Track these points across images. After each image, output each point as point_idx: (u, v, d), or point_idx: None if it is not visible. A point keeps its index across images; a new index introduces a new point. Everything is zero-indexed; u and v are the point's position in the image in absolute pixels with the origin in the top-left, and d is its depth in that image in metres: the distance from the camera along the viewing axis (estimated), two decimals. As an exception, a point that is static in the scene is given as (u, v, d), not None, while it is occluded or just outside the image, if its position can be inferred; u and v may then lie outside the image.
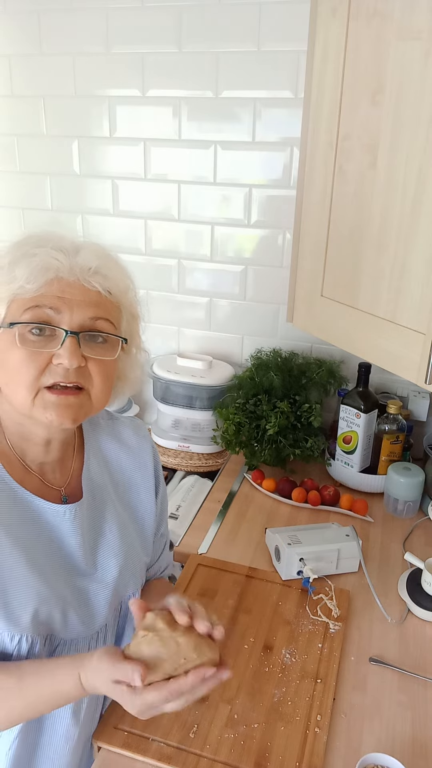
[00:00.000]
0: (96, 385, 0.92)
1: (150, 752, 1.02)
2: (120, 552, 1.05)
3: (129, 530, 1.10)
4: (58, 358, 0.87)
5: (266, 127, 1.83)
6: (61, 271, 0.88)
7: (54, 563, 0.96)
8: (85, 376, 0.90)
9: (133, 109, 1.94)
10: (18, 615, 0.89)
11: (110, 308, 0.93)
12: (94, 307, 0.90)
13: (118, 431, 1.15)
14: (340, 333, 1.50)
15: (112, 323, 0.93)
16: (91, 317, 0.89)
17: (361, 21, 1.27)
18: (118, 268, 0.96)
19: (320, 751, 1.03)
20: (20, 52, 1.98)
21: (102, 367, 0.92)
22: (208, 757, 1.01)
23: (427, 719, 1.11)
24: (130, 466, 1.14)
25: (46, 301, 0.87)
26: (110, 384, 0.95)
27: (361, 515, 1.68)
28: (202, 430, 2.03)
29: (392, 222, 1.29)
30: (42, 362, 0.87)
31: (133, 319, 1.00)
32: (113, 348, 0.93)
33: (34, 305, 0.87)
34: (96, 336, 0.91)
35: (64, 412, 0.89)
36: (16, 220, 2.21)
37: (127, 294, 0.97)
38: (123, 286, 0.96)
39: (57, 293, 0.87)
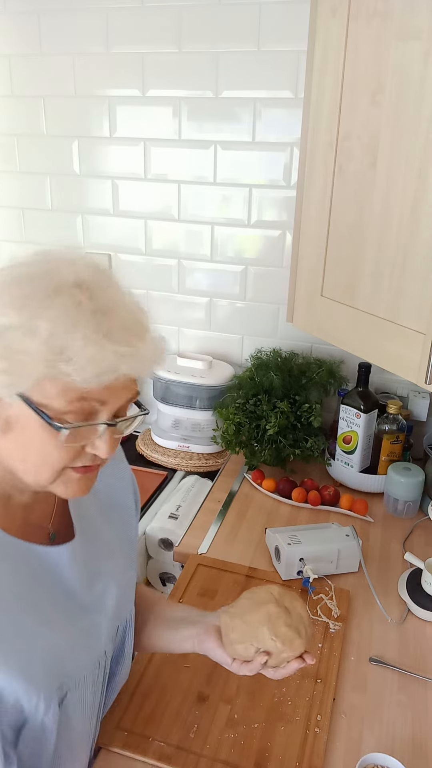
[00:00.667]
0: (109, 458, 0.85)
1: (150, 752, 1.02)
2: (116, 579, 1.00)
3: (119, 554, 1.04)
4: (92, 448, 0.80)
5: (266, 127, 1.83)
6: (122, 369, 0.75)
7: (57, 608, 0.88)
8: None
9: (133, 109, 1.94)
10: (34, 674, 0.81)
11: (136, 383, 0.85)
12: (130, 390, 0.81)
13: None
14: (340, 333, 1.50)
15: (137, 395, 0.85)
16: (128, 399, 0.82)
17: (361, 21, 1.27)
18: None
19: (320, 751, 1.03)
20: (20, 52, 1.98)
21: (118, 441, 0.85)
22: (208, 756, 1.01)
23: (427, 719, 1.11)
24: (110, 480, 1.07)
25: (96, 394, 0.76)
26: None
27: (361, 515, 1.68)
28: (202, 430, 2.03)
29: (392, 222, 1.29)
30: (75, 451, 0.79)
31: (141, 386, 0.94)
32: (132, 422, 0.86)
33: (81, 397, 0.75)
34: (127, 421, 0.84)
35: (84, 487, 0.84)
36: (16, 220, 2.21)
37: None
38: None
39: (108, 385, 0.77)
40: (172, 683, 1.15)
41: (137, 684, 1.14)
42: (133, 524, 1.13)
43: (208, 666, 1.19)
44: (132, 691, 1.13)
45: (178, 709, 1.10)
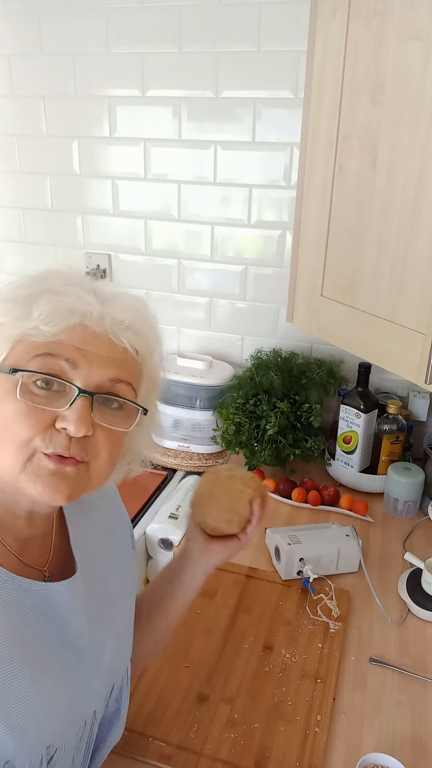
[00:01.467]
0: (100, 459, 0.75)
1: (150, 752, 1.02)
2: (115, 628, 0.91)
3: (120, 600, 0.95)
4: (62, 421, 0.70)
5: (266, 127, 1.83)
6: (88, 317, 0.73)
7: (50, 656, 0.78)
8: (89, 447, 0.74)
9: (133, 109, 1.94)
10: (27, 734, 0.73)
11: (133, 370, 0.78)
12: (116, 367, 0.74)
13: None
14: (340, 333, 1.50)
15: (134, 388, 0.78)
16: (111, 378, 0.74)
17: (361, 21, 1.27)
18: (152, 327, 0.82)
19: (320, 751, 1.03)
20: (20, 52, 1.98)
21: (111, 438, 0.75)
22: (208, 756, 1.02)
23: (427, 719, 1.11)
24: (106, 512, 1.01)
25: (64, 351, 0.71)
26: (116, 459, 0.79)
27: (361, 515, 1.68)
28: (202, 430, 2.03)
29: (392, 222, 1.29)
30: (42, 422, 0.70)
31: (153, 384, 0.84)
32: (129, 417, 0.77)
33: (46, 352, 0.71)
34: (111, 401, 0.75)
35: (59, 485, 0.72)
36: (16, 220, 2.21)
37: (152, 356, 0.82)
38: (152, 346, 0.81)
39: (78, 343, 0.72)
40: (172, 683, 1.15)
41: (137, 684, 1.14)
42: (133, 568, 1.04)
43: (209, 666, 1.19)
44: (132, 690, 1.12)
45: (178, 709, 1.10)
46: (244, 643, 1.25)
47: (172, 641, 1.24)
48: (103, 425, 0.74)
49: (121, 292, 0.80)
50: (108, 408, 0.75)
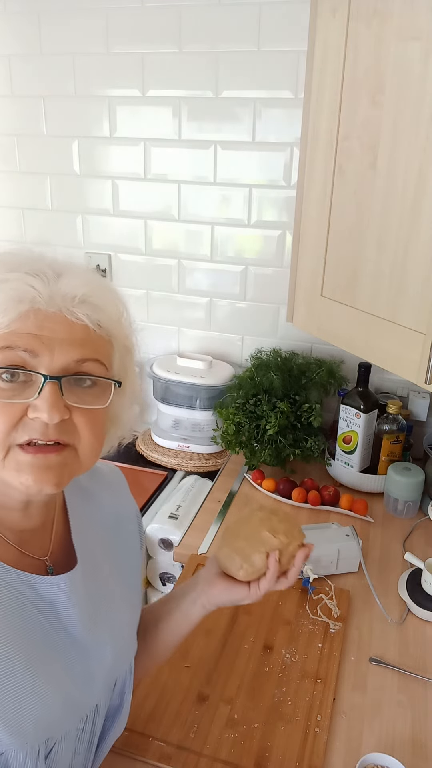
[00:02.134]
0: (84, 440, 0.74)
1: (150, 752, 1.02)
2: (117, 623, 0.90)
3: (121, 594, 0.94)
4: (34, 411, 0.69)
5: (266, 127, 1.83)
6: (37, 302, 0.70)
7: (51, 649, 0.78)
8: (70, 430, 0.72)
9: (133, 109, 1.94)
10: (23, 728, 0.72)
11: (99, 345, 0.75)
12: (79, 346, 0.72)
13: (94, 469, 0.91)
14: (340, 333, 1.50)
15: (103, 364, 0.75)
16: (76, 359, 0.72)
17: (361, 21, 1.27)
18: (110, 294, 0.79)
19: (320, 751, 1.03)
20: (20, 52, 1.98)
21: (90, 417, 0.74)
22: (208, 757, 1.02)
23: (427, 719, 1.11)
24: (112, 506, 0.99)
25: (20, 341, 0.69)
26: (102, 436, 0.78)
27: (361, 515, 1.68)
28: (202, 430, 2.03)
29: (392, 222, 1.29)
30: (13, 415, 0.69)
31: (126, 352, 0.82)
32: (104, 393, 0.76)
33: (4, 346, 0.68)
34: (83, 379, 0.74)
35: (44, 476, 0.71)
36: (16, 220, 2.21)
37: (119, 324, 0.79)
38: (115, 315, 0.78)
39: (33, 330, 0.69)
40: (172, 683, 1.15)
41: (137, 684, 1.14)
42: (138, 564, 1.02)
43: (209, 666, 1.19)
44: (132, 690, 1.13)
45: (178, 709, 1.10)
46: (244, 643, 1.25)
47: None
48: (78, 406, 0.72)
49: (70, 266, 0.77)
50: (80, 387, 0.73)
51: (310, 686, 1.15)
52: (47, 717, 0.75)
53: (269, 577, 0.94)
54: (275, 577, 0.95)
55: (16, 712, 0.72)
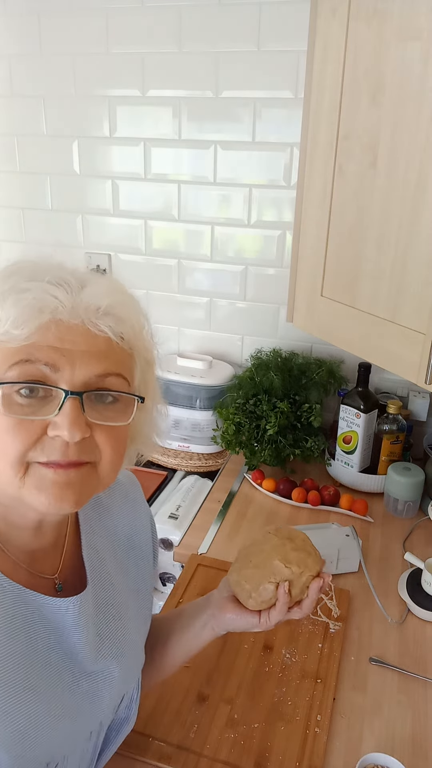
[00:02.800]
0: (105, 458, 0.71)
1: (150, 752, 1.02)
2: (127, 643, 0.87)
3: (133, 613, 0.91)
4: (54, 428, 0.66)
5: (266, 127, 1.83)
6: (59, 312, 0.67)
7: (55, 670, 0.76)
8: (91, 448, 0.69)
9: (133, 109, 1.94)
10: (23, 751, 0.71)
11: (122, 359, 0.72)
12: (102, 360, 0.69)
13: None
14: (340, 333, 1.50)
15: (125, 378, 0.72)
16: (98, 374, 0.69)
17: (361, 21, 1.27)
18: (133, 306, 0.75)
19: (320, 751, 1.03)
20: (20, 53, 1.98)
21: (113, 434, 0.71)
22: (208, 757, 1.02)
23: (427, 719, 1.11)
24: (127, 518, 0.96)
25: (41, 354, 0.66)
26: (123, 454, 0.74)
27: (361, 515, 1.68)
28: (202, 430, 2.03)
29: (392, 222, 1.29)
30: (33, 432, 0.66)
31: (148, 366, 0.79)
32: (127, 409, 0.72)
33: (23, 359, 0.66)
34: (104, 395, 0.70)
35: (64, 494, 0.68)
36: (16, 220, 2.21)
37: (142, 337, 0.76)
38: (138, 327, 0.75)
39: (54, 342, 0.66)
40: (172, 683, 1.15)
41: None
42: (150, 573, 0.99)
43: (209, 666, 1.19)
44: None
45: (178, 709, 1.10)
46: (244, 643, 1.25)
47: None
48: (100, 423, 0.69)
49: (93, 277, 0.74)
50: (102, 403, 0.70)
51: (310, 686, 1.15)
52: (50, 741, 0.73)
53: (279, 608, 0.91)
54: (285, 608, 0.91)
55: (20, 735, 0.70)
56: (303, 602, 0.92)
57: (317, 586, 0.91)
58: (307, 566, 0.90)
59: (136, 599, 0.93)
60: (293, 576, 0.89)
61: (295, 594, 0.91)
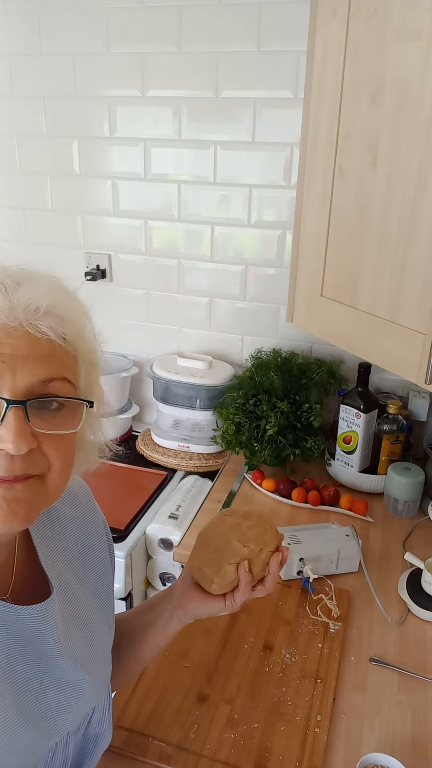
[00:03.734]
0: (54, 469, 0.67)
1: (150, 752, 1.02)
2: (93, 646, 0.84)
3: (97, 617, 0.88)
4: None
5: (266, 127, 1.83)
6: None
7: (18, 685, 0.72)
8: (38, 460, 0.66)
9: (133, 109, 1.94)
10: None
11: (66, 362, 0.68)
12: (45, 364, 0.65)
13: None
14: (340, 333, 1.50)
15: (71, 382, 0.68)
16: (42, 379, 0.64)
17: (361, 21, 1.27)
18: (75, 304, 0.71)
19: (320, 751, 1.03)
20: (20, 52, 1.98)
21: (61, 444, 0.67)
22: (208, 757, 1.02)
23: (427, 719, 1.11)
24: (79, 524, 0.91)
25: None
26: (71, 463, 0.71)
27: (361, 515, 1.68)
28: (202, 430, 2.03)
29: (392, 222, 1.29)
30: None
31: (92, 367, 0.74)
32: (74, 415, 0.69)
33: None
34: (49, 402, 0.66)
35: (13, 510, 0.64)
36: (16, 220, 2.21)
37: (84, 337, 0.72)
38: (81, 327, 0.71)
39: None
40: (172, 683, 1.15)
41: (137, 684, 1.14)
42: (110, 577, 0.95)
43: (209, 666, 1.19)
44: (131, 690, 1.13)
45: (178, 709, 1.10)
46: (244, 643, 1.25)
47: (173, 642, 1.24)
48: (47, 432, 0.65)
49: (29, 274, 0.70)
50: (47, 411, 0.66)
51: (310, 686, 1.15)
52: (12, 752, 0.70)
53: (242, 588, 0.91)
54: (249, 587, 0.92)
55: None
56: (266, 579, 0.94)
57: (277, 560, 0.92)
58: (265, 542, 0.92)
59: (99, 606, 0.90)
60: (252, 554, 0.90)
61: (257, 572, 0.92)
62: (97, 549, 0.92)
